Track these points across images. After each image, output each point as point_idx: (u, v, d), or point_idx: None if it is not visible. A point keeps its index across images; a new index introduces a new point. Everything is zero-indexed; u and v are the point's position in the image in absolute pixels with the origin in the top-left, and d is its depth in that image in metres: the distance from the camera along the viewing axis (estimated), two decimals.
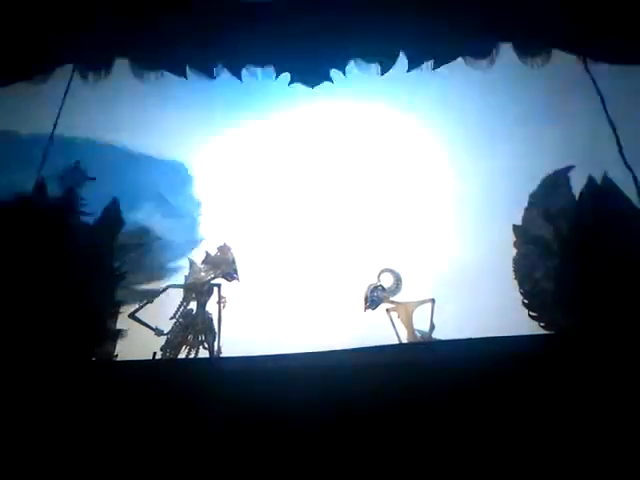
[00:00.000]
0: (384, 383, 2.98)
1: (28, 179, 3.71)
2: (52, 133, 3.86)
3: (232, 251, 3.77)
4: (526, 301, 3.49)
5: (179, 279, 3.78)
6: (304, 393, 2.95)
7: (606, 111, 3.79)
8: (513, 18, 3.84)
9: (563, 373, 2.97)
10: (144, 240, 3.70)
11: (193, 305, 3.72)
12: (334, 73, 3.93)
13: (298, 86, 3.94)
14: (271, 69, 3.90)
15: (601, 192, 3.54)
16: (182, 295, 3.74)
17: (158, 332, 3.64)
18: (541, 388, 2.95)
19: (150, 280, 3.72)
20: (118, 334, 3.57)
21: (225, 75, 3.94)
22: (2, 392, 2.95)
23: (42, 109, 4.00)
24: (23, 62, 3.88)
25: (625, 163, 3.66)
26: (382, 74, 3.93)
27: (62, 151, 3.87)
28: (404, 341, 3.65)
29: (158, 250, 3.78)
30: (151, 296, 3.70)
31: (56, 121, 3.89)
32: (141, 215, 3.80)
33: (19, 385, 3.00)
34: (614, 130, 3.73)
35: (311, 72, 3.91)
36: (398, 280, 3.75)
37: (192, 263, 3.79)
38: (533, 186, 3.69)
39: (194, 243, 3.98)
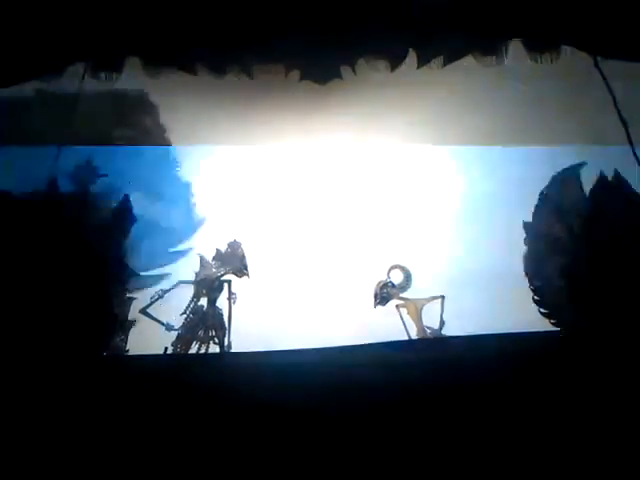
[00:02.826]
0: (394, 379, 2.99)
1: (41, 177, 3.74)
2: (64, 131, 3.90)
3: (242, 247, 3.80)
4: (537, 298, 3.49)
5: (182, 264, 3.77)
6: (314, 388, 2.97)
7: (617, 108, 3.78)
8: (523, 14, 3.83)
9: (574, 371, 2.96)
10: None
11: (203, 301, 3.75)
12: (344, 70, 3.93)
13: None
14: (281, 66, 3.91)
15: (612, 189, 3.54)
16: (192, 291, 3.77)
17: (169, 328, 3.67)
18: (552, 385, 2.94)
19: (151, 267, 3.73)
20: (129, 329, 3.61)
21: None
22: (13, 387, 2.98)
23: (54, 107, 4.03)
24: (34, 60, 3.91)
25: (637, 160, 3.65)
26: (392, 71, 3.93)
27: (74, 149, 3.91)
28: (414, 337, 3.66)
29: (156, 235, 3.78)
30: (162, 292, 3.73)
31: (68, 119, 3.93)
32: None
33: (31, 380, 3.02)
34: (625, 127, 3.72)
35: (321, 69, 3.92)
36: (408, 276, 3.76)
37: (202, 259, 3.81)
38: (544, 183, 3.68)
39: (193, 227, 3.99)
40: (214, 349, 3.65)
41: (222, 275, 3.77)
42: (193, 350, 3.63)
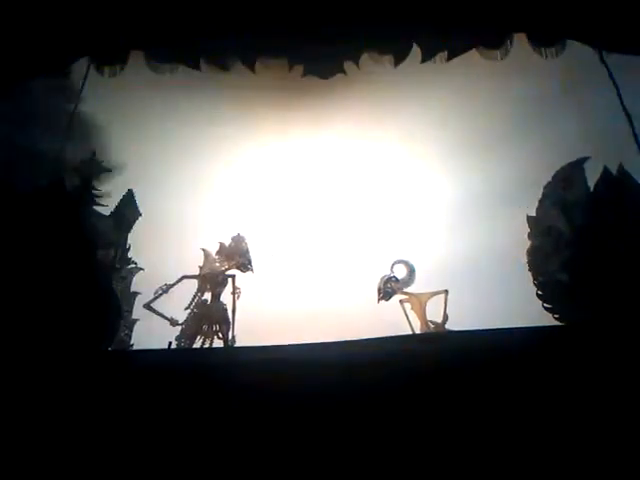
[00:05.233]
0: (397, 373, 2.99)
1: (46, 172, 3.75)
2: (69, 127, 3.90)
3: (246, 241, 3.81)
4: (540, 292, 3.49)
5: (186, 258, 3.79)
6: (318, 382, 2.97)
7: (622, 102, 3.76)
8: (527, 8, 3.82)
9: (577, 365, 2.96)
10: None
11: (207, 296, 3.76)
12: (347, 65, 3.93)
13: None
14: (285, 61, 3.91)
15: (616, 183, 3.53)
16: (196, 286, 3.78)
17: (173, 322, 3.69)
18: (555, 379, 2.94)
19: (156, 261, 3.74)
20: (134, 324, 3.62)
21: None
22: (19, 382, 2.99)
23: (58, 103, 4.04)
24: (38, 56, 3.91)
25: None
26: (395, 66, 3.93)
27: (79, 144, 3.91)
28: (417, 332, 3.67)
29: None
30: (166, 287, 3.74)
31: (72, 115, 3.94)
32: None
33: (36, 375, 3.04)
34: (630, 121, 3.71)
35: (324, 64, 3.91)
36: (411, 271, 3.76)
37: (206, 254, 3.82)
38: (548, 177, 3.67)
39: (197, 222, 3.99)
40: (218, 343, 3.66)
41: (226, 270, 3.79)
42: (197, 345, 3.64)
